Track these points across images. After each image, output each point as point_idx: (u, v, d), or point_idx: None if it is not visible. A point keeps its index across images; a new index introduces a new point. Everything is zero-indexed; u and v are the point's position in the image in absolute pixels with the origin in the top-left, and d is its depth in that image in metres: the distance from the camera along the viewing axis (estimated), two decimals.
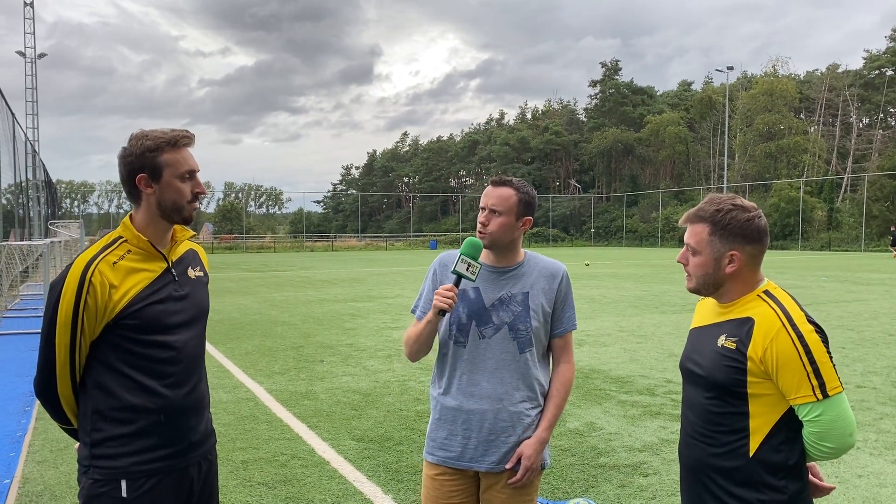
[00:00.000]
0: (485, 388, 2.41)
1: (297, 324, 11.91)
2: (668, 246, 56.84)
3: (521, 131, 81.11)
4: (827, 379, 1.84)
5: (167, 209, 2.09)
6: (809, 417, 1.87)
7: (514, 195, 2.42)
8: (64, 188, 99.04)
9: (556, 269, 2.51)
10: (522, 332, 2.41)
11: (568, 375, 2.52)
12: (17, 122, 19.99)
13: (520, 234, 2.48)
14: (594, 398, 6.74)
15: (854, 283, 19.60)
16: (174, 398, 2.09)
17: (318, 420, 6.00)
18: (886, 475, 4.65)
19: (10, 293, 14.12)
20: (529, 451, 2.41)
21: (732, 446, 1.95)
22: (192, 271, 2.23)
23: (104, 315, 1.99)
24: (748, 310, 1.97)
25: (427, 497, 2.52)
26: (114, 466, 2.03)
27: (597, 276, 23.24)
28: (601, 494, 4.34)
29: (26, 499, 4.31)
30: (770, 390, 1.90)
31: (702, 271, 2.02)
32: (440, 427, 2.48)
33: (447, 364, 2.49)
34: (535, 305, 2.44)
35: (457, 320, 2.45)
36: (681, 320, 12.12)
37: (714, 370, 1.98)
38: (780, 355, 1.85)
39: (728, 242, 1.96)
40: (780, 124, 60.51)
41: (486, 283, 2.46)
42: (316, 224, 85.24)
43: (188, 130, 2.12)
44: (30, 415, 6.22)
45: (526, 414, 2.43)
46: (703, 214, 2.00)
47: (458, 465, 2.45)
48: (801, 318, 1.89)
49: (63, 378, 2.02)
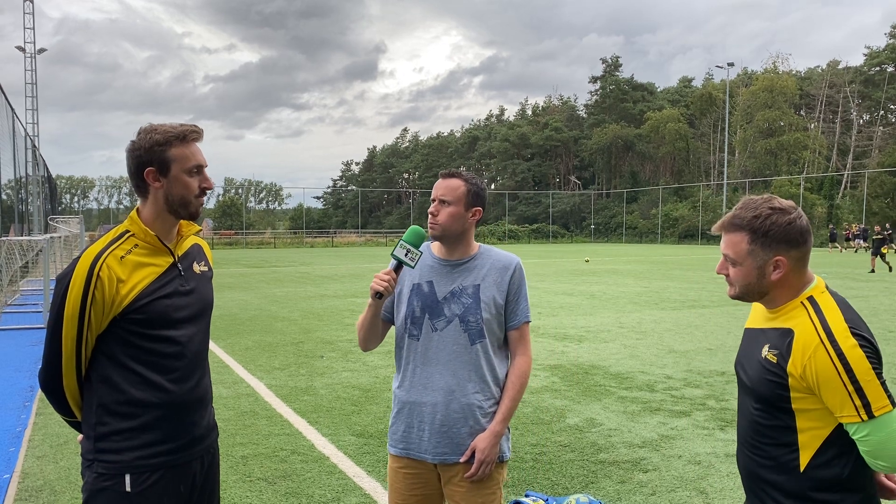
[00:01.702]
0: (437, 380, 2.43)
1: (296, 319, 11.91)
2: (667, 242, 56.85)
3: (521, 127, 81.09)
4: (872, 398, 1.69)
5: (174, 204, 2.08)
6: (858, 437, 1.74)
7: (463, 185, 2.45)
8: (64, 183, 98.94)
9: (509, 262, 2.51)
10: (473, 324, 2.43)
11: (524, 368, 2.52)
12: (16, 117, 19.96)
13: (471, 226, 2.49)
14: (594, 394, 6.75)
15: (854, 280, 19.62)
16: (179, 393, 2.10)
17: (318, 415, 6.01)
18: None
19: (9, 288, 14.12)
20: (483, 445, 2.41)
21: (782, 460, 1.85)
22: (197, 266, 2.24)
23: (111, 309, 1.99)
24: (790, 319, 1.84)
25: (392, 489, 2.55)
26: (118, 461, 2.03)
27: (597, 272, 23.23)
28: (601, 490, 4.35)
29: (26, 494, 4.31)
30: (817, 405, 1.77)
31: (745, 281, 1.89)
32: (398, 420, 2.51)
33: (402, 358, 2.52)
34: (487, 298, 2.45)
35: (410, 314, 2.48)
36: (680, 317, 12.13)
37: (758, 383, 1.87)
38: (820, 374, 1.72)
39: (771, 249, 1.83)
40: (781, 121, 60.51)
41: (438, 276, 2.48)
42: (316, 220, 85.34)
43: (197, 125, 2.11)
44: (30, 410, 6.22)
45: (478, 405, 2.44)
46: (740, 222, 1.86)
47: (416, 457, 2.47)
48: (843, 331, 1.73)
49: (69, 371, 2.02)
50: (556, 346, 9.33)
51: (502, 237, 62.50)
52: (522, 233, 64.88)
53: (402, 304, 2.51)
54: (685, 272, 22.99)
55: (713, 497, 4.23)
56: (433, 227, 2.45)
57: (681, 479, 4.52)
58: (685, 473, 4.62)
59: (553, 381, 7.27)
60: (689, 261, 30.16)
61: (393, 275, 2.34)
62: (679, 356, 8.57)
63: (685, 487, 4.38)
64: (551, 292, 16.44)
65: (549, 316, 12.31)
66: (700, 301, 14.36)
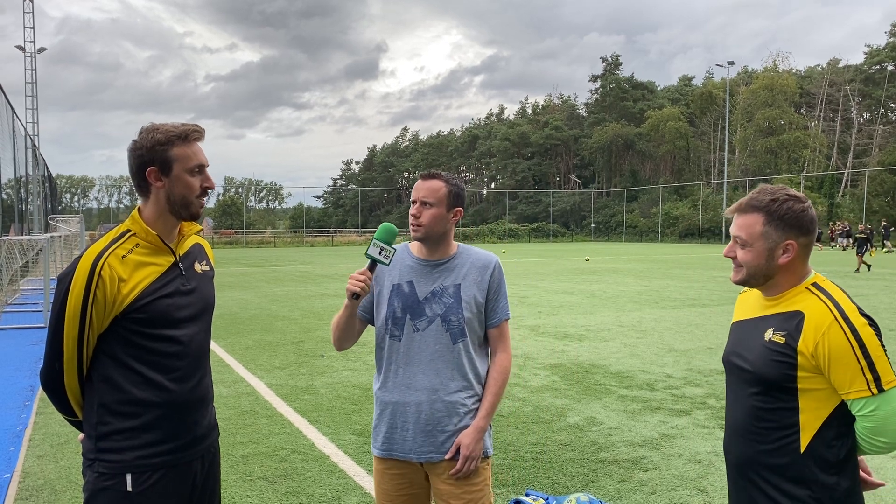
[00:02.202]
0: (420, 380, 2.44)
1: (297, 318, 11.91)
2: (668, 241, 56.84)
3: (521, 126, 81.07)
4: (882, 372, 1.80)
5: (175, 203, 2.09)
6: (864, 412, 1.82)
7: (444, 187, 2.45)
8: (64, 183, 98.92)
9: (488, 261, 2.53)
10: (454, 323, 2.44)
11: (505, 364, 2.54)
12: (17, 117, 19.96)
13: (451, 226, 2.51)
14: (594, 393, 6.75)
15: (854, 279, 19.60)
16: (180, 392, 2.10)
17: (319, 415, 6.01)
18: (887, 470, 4.65)
19: (9, 288, 14.12)
20: (467, 441, 2.43)
21: (782, 442, 1.92)
22: (199, 265, 2.24)
23: (113, 308, 1.99)
24: (797, 303, 1.92)
25: (379, 491, 2.55)
26: (119, 460, 2.03)
27: (597, 271, 23.23)
28: (601, 489, 4.35)
29: (27, 493, 4.32)
30: (821, 385, 1.86)
31: (754, 262, 1.95)
32: (381, 421, 2.52)
33: (384, 359, 2.52)
34: (467, 297, 2.46)
35: (392, 314, 2.48)
36: (680, 316, 12.13)
37: (762, 365, 1.93)
38: (833, 350, 1.81)
39: (784, 233, 1.92)
40: (781, 119, 60.52)
41: (419, 276, 2.49)
42: (316, 219, 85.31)
43: (198, 125, 2.12)
44: (30, 409, 6.22)
45: (462, 403, 2.45)
46: (758, 204, 1.95)
47: (401, 457, 2.48)
48: (853, 310, 1.85)
49: (70, 370, 2.02)
50: (557, 345, 9.32)
51: (502, 236, 62.51)
52: (522, 232, 64.88)
53: (382, 304, 2.51)
54: (685, 271, 22.98)
55: (713, 496, 4.23)
56: (416, 229, 2.46)
57: (681, 478, 4.52)
58: (685, 472, 4.62)
59: (553, 380, 7.27)
60: (689, 259, 30.16)
61: (368, 274, 2.34)
62: (679, 355, 8.57)
63: (685, 486, 4.38)
64: (551, 291, 16.44)
65: (549, 315, 12.31)
66: (700, 300, 14.36)
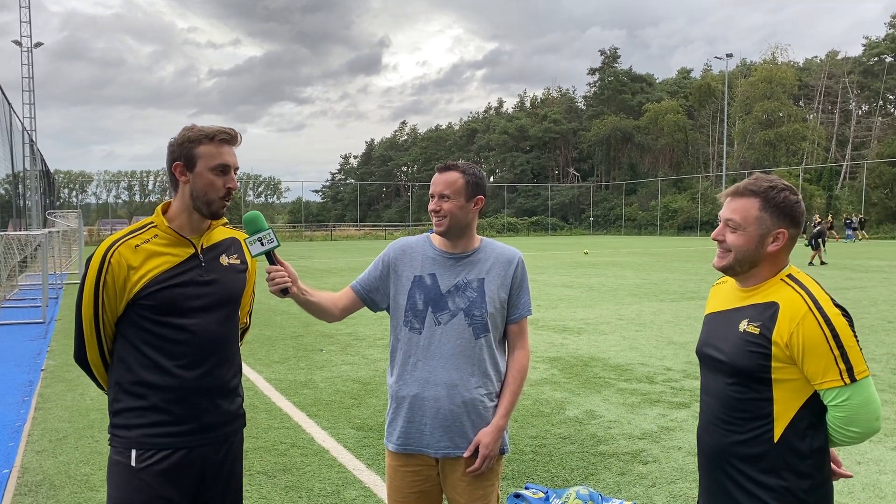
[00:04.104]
0: (440, 374, 2.40)
1: (296, 313, 11.89)
2: (666, 234, 56.83)
3: (519, 119, 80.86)
4: (854, 363, 1.82)
5: (197, 199, 2.18)
6: (836, 402, 1.84)
7: (461, 177, 2.43)
8: (62, 178, 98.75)
9: (512, 256, 2.51)
10: (478, 318, 2.41)
11: (523, 362, 2.52)
12: (14, 111, 19.89)
13: (474, 216, 2.48)
14: (593, 386, 6.75)
15: (853, 271, 19.61)
16: (187, 378, 2.16)
17: (318, 409, 6.00)
18: (886, 462, 4.65)
19: (8, 283, 14.10)
20: (487, 440, 2.41)
21: (756, 432, 1.92)
22: (226, 258, 2.31)
23: (123, 294, 2.11)
24: (772, 294, 1.94)
25: (392, 487, 2.52)
26: (127, 436, 2.14)
27: (596, 264, 23.23)
28: (601, 482, 4.35)
29: (25, 489, 4.31)
30: (794, 375, 1.87)
31: (744, 248, 1.95)
32: (398, 416, 2.48)
33: (401, 351, 2.48)
34: (491, 292, 2.44)
35: (412, 307, 2.44)
36: (679, 308, 12.13)
37: (737, 356, 1.94)
38: (807, 340, 1.82)
39: (778, 221, 1.93)
40: (779, 112, 60.35)
41: (441, 269, 2.46)
42: (315, 213, 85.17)
43: (233, 129, 2.21)
44: (29, 404, 6.22)
45: (480, 400, 2.43)
46: (756, 189, 1.95)
47: (417, 451, 2.45)
48: (826, 301, 1.86)
49: (91, 347, 2.17)
50: (556, 339, 9.33)
51: (501, 230, 62.46)
52: (521, 225, 64.84)
53: (400, 294, 2.47)
54: (684, 264, 22.99)
55: None
56: (439, 223, 2.42)
57: (680, 471, 4.52)
58: (685, 465, 4.62)
59: (553, 374, 7.27)
60: (688, 252, 30.16)
61: (276, 268, 2.33)
62: (678, 348, 8.57)
63: (685, 479, 4.38)
64: (550, 284, 16.44)
65: (548, 308, 12.31)
66: (699, 292, 14.36)
